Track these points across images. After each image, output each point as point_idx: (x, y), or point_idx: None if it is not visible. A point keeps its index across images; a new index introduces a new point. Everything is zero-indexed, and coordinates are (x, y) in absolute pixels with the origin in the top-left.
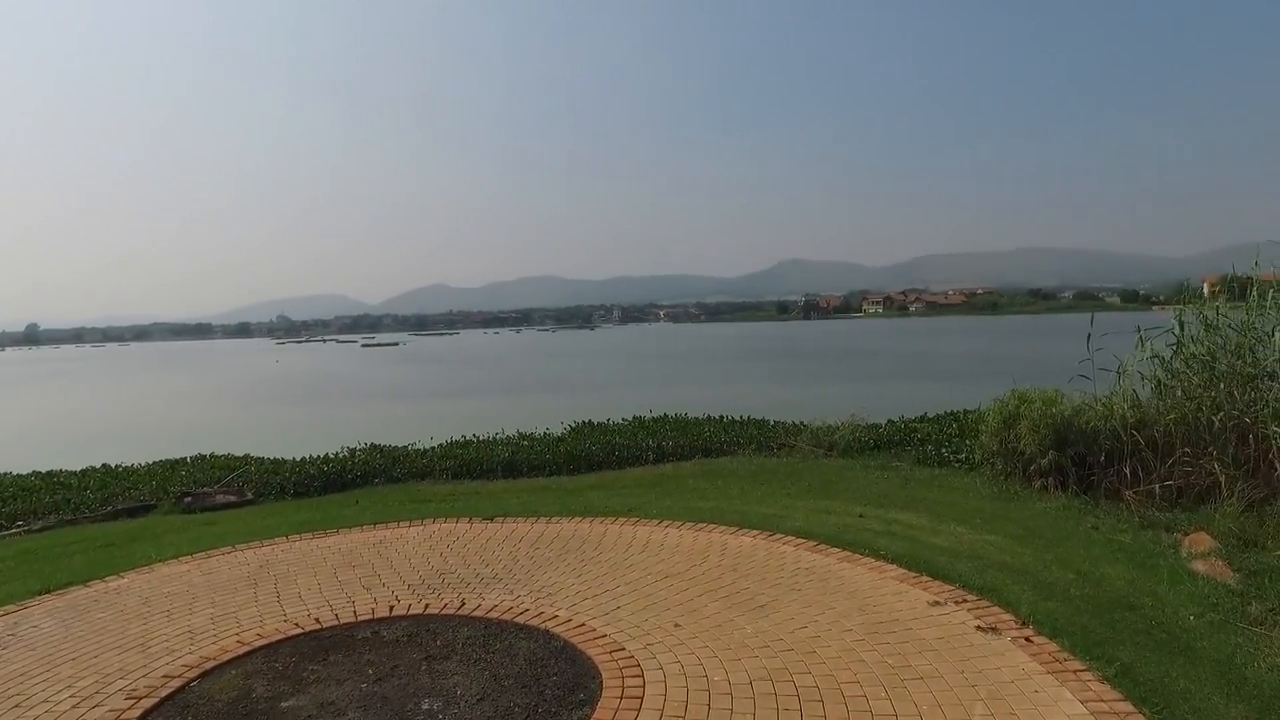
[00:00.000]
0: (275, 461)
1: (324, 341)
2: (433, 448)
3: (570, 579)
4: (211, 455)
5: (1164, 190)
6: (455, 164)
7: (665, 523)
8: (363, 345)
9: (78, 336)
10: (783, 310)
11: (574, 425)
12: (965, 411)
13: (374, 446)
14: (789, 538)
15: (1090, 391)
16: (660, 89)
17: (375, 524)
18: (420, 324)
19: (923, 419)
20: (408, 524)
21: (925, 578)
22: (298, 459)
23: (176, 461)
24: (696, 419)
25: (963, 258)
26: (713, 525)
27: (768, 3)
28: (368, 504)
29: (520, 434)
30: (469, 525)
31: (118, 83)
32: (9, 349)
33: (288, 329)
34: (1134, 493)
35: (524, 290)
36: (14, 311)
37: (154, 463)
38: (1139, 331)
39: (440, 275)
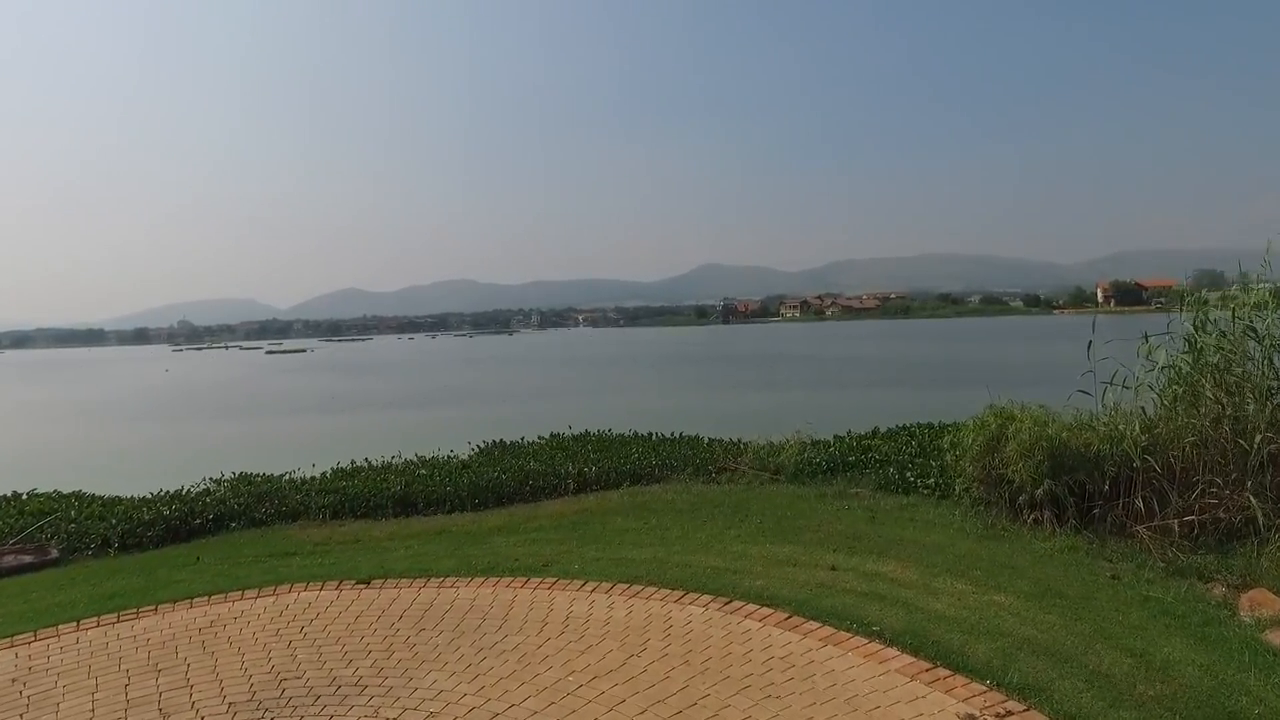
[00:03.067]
0: (108, 502)
1: (226, 348)
2: (312, 478)
3: (462, 683)
4: (27, 495)
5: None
6: (370, 166)
7: (590, 585)
8: (267, 352)
9: None
10: (702, 315)
11: (482, 446)
12: (920, 425)
13: (242, 477)
14: (750, 606)
15: (1081, 408)
16: (572, 89)
17: (211, 594)
18: (333, 329)
19: (875, 434)
20: (255, 593)
21: (941, 669)
22: (139, 497)
23: None
24: (623, 437)
25: (872, 263)
26: (651, 587)
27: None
28: (212, 561)
29: (419, 458)
30: (336, 593)
31: (38, 79)
32: None
33: (190, 335)
34: (1148, 529)
35: (440, 295)
36: None
37: None
38: (1145, 338)
39: (354, 280)
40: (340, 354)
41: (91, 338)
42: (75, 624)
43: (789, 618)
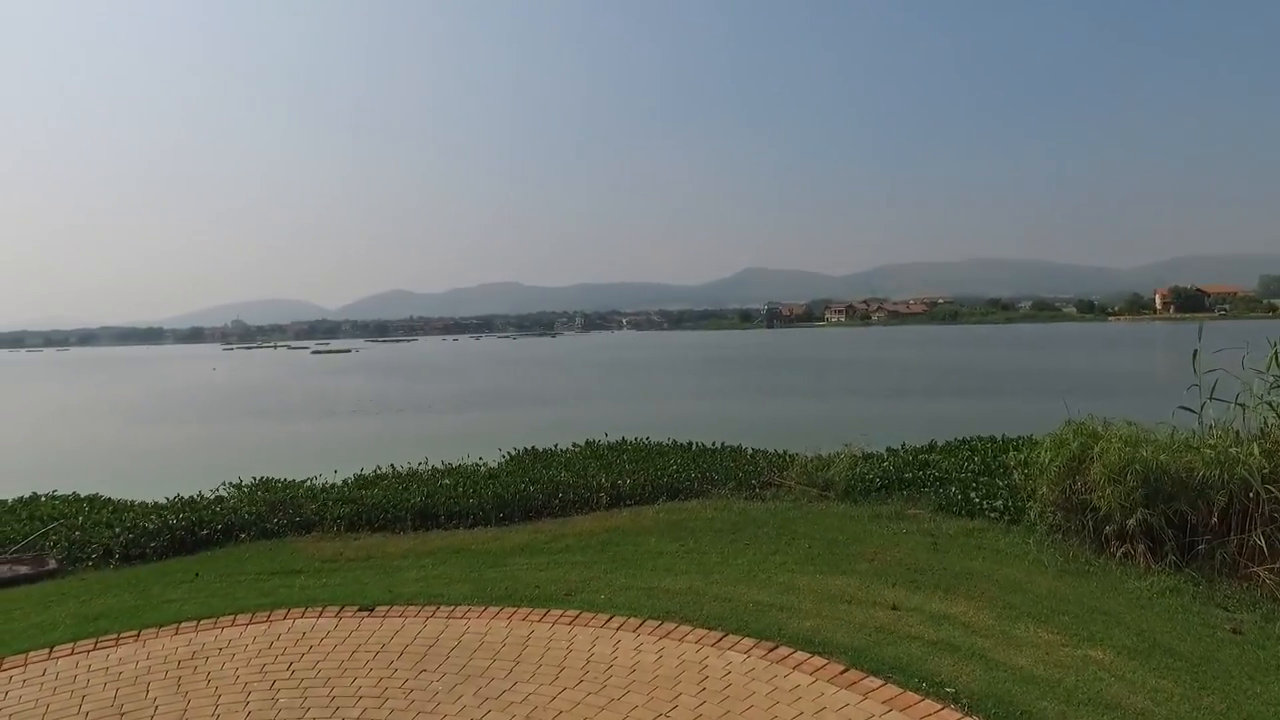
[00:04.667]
0: (119, 508)
1: (275, 348)
2: (333, 485)
3: None
4: (46, 497)
5: (1105, 205)
6: (417, 170)
7: (616, 621)
8: (313, 352)
9: (17, 340)
10: (746, 319)
11: (513, 453)
12: (981, 439)
13: (262, 482)
14: (799, 654)
15: (1183, 426)
16: (620, 95)
17: (201, 619)
18: (380, 330)
19: (933, 448)
20: (248, 619)
21: None
22: (150, 503)
23: None
24: (661, 446)
25: (918, 267)
26: (685, 626)
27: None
28: (211, 578)
29: (445, 466)
30: (335, 621)
31: (103, 90)
32: None
33: (242, 334)
34: (1269, 571)
35: (486, 297)
36: None
37: None
38: (1275, 345)
39: (402, 281)
40: (384, 355)
41: (150, 336)
42: (48, 651)
43: (845, 670)
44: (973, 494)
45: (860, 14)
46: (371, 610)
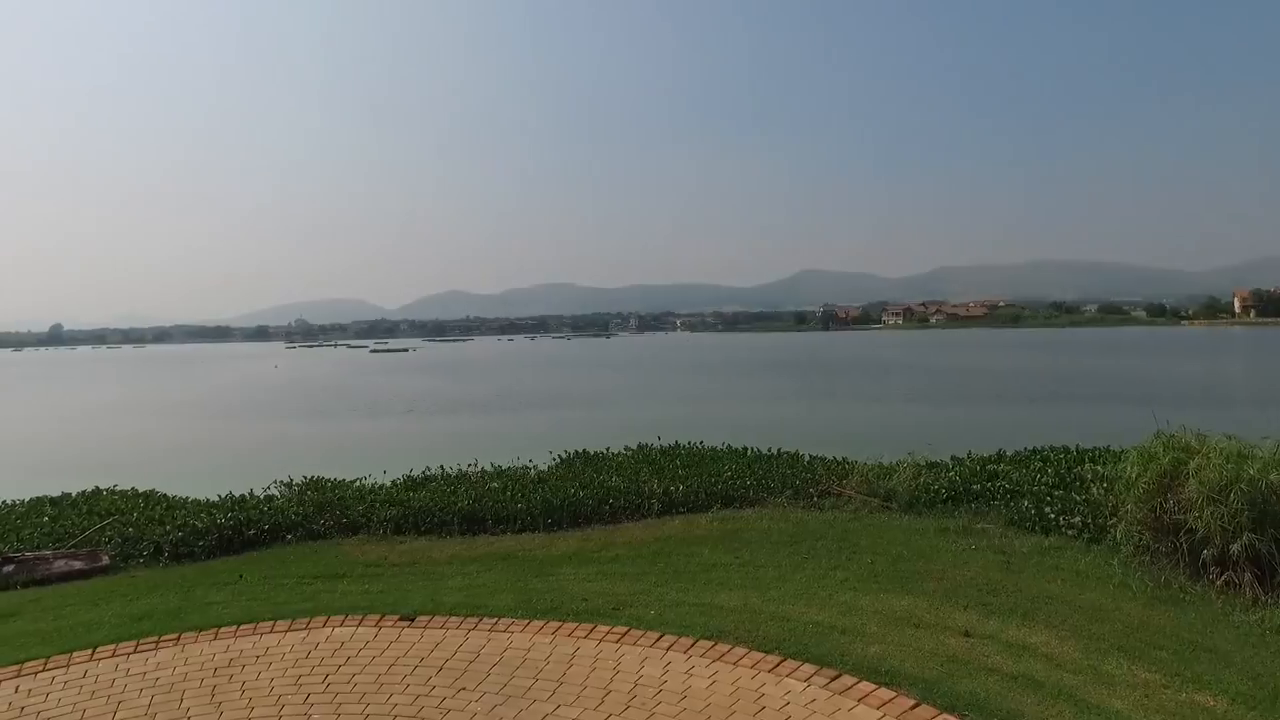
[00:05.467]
0: (173, 504)
1: (335, 346)
2: (382, 485)
3: None
4: (107, 490)
5: (1177, 204)
6: (474, 171)
7: (667, 640)
8: (371, 351)
9: (99, 338)
10: (801, 321)
11: (564, 456)
12: (1054, 449)
13: (312, 482)
14: (864, 685)
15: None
16: (673, 97)
17: (240, 624)
18: (437, 330)
19: (1001, 458)
20: (287, 626)
21: None
22: (203, 501)
23: (56, 499)
24: (715, 451)
25: (978, 270)
26: (740, 647)
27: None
28: (255, 580)
29: (494, 468)
30: (375, 631)
31: (146, 94)
32: (28, 349)
33: (305, 333)
34: None
35: (541, 297)
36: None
37: (11, 503)
38: None
39: (459, 282)
40: (440, 354)
41: (219, 334)
42: (91, 651)
43: (916, 706)
44: (1047, 509)
45: (915, 10)
46: (412, 620)
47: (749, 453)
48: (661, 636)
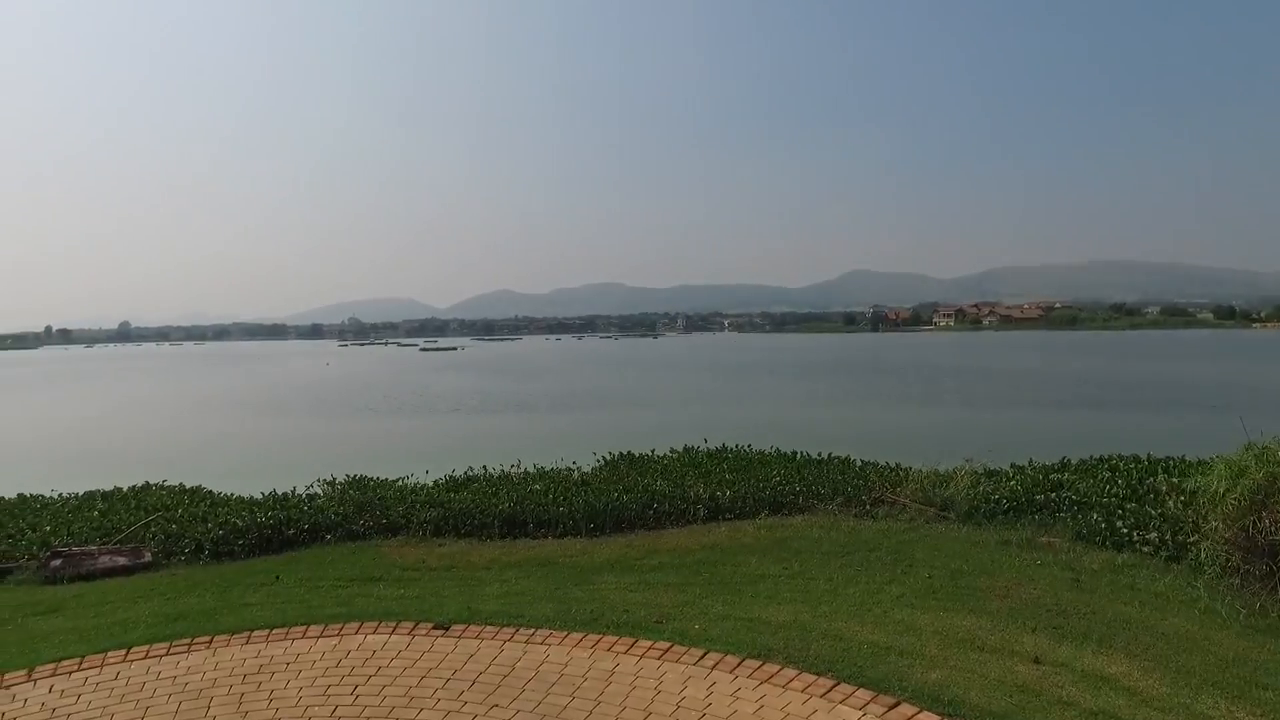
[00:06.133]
0: (217, 501)
1: (386, 345)
2: (422, 486)
3: None
4: (157, 486)
5: (1246, 201)
6: (520, 173)
7: (712, 658)
8: (421, 349)
9: (163, 335)
10: (850, 322)
11: (608, 458)
12: (1123, 458)
13: (356, 481)
14: (926, 715)
15: None
16: (722, 94)
17: (274, 628)
18: (486, 329)
19: (1065, 467)
20: (320, 631)
21: None
22: (246, 498)
23: (107, 494)
24: (763, 455)
25: (1034, 271)
26: (790, 668)
27: (821, 6)
28: (292, 582)
29: (537, 469)
30: (408, 639)
31: (191, 94)
32: (99, 345)
33: (358, 331)
34: None
35: (589, 297)
36: (110, 310)
37: (66, 496)
38: None
39: (507, 282)
40: (488, 353)
41: (275, 332)
42: (125, 652)
43: None
44: (1119, 522)
45: (971, 8)
46: (447, 629)
47: (798, 457)
48: (706, 654)
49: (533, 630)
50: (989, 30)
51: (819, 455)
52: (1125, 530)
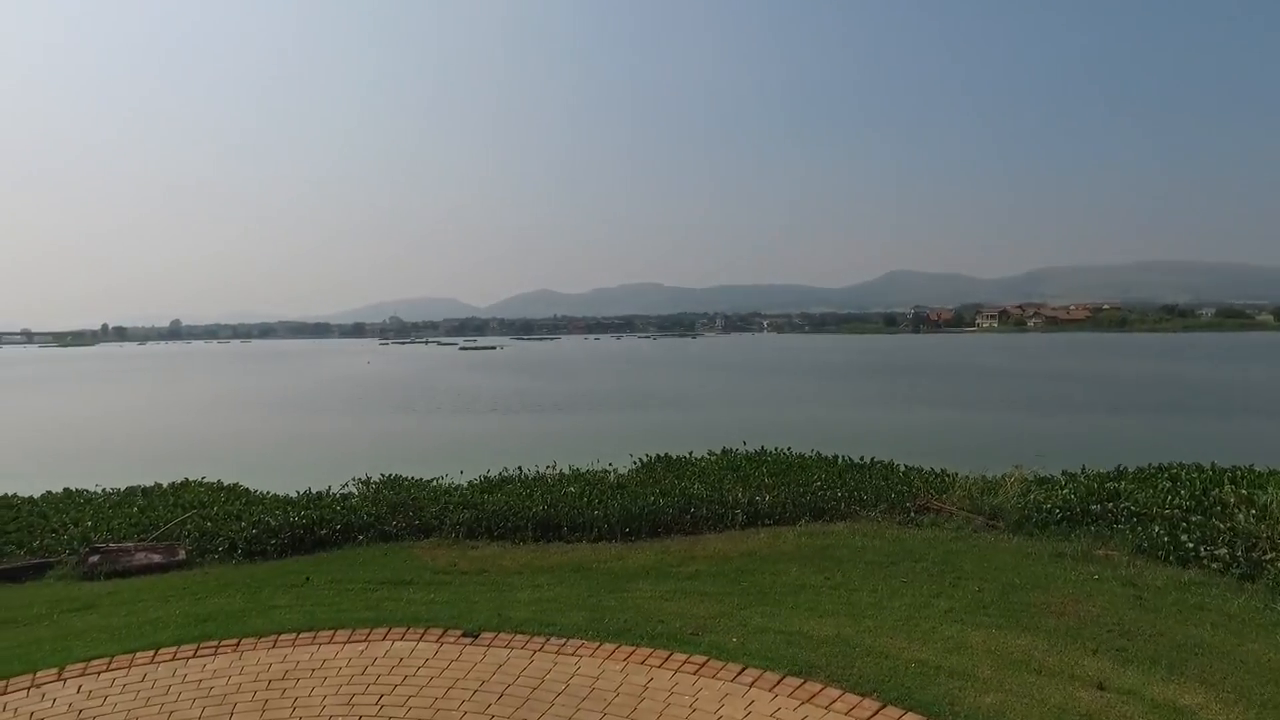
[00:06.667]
0: (252, 499)
1: (426, 343)
2: (456, 486)
3: None
4: (195, 482)
5: None
6: (553, 172)
7: (750, 674)
8: (460, 348)
9: (212, 333)
10: (890, 323)
11: (644, 460)
12: (1184, 467)
13: (390, 480)
14: None
15: None
16: (762, 95)
17: (300, 632)
18: (525, 328)
19: (1122, 475)
20: (347, 636)
21: None
22: (280, 496)
23: (148, 489)
24: (803, 458)
25: (1080, 271)
26: (833, 688)
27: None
28: (322, 583)
29: (573, 471)
30: (436, 647)
31: (213, 94)
32: (151, 343)
33: (399, 330)
34: None
35: (627, 296)
36: (162, 309)
37: (108, 491)
38: None
39: (546, 282)
40: (527, 352)
41: (319, 330)
42: (153, 653)
43: None
44: (1184, 536)
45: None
46: (476, 637)
47: (840, 461)
48: (744, 670)
49: (564, 640)
50: (1034, 25)
51: (861, 459)
52: (1191, 545)
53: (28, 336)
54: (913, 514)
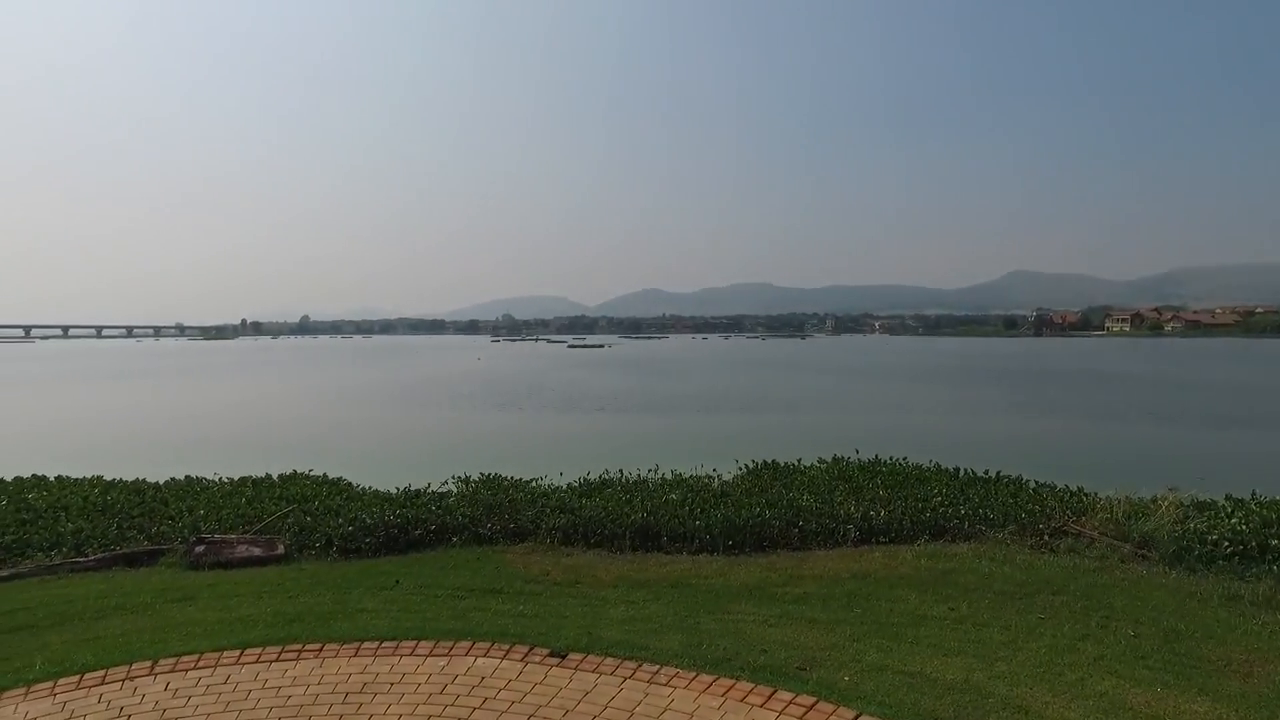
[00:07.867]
0: (352, 495)
1: (536, 341)
2: (557, 488)
3: None
4: (301, 475)
5: None
6: (656, 170)
7: None
8: (569, 346)
9: (336, 328)
10: (1010, 325)
11: (750, 466)
12: None
13: (489, 480)
14: None
15: None
16: (870, 85)
17: (383, 640)
18: (634, 327)
19: None
20: (430, 648)
21: None
22: (379, 492)
23: (258, 481)
24: (920, 470)
25: (1225, 271)
26: None
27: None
28: (411, 587)
29: (675, 476)
30: (520, 666)
31: (351, 107)
32: (283, 337)
33: (511, 327)
34: None
35: (736, 296)
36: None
37: (224, 481)
38: None
39: (654, 280)
40: (635, 351)
41: (435, 327)
42: (239, 653)
43: None
44: None
45: None
46: (564, 657)
47: (961, 474)
48: (859, 716)
49: (657, 667)
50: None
51: (985, 473)
52: None
53: (180, 330)
54: (1046, 537)
